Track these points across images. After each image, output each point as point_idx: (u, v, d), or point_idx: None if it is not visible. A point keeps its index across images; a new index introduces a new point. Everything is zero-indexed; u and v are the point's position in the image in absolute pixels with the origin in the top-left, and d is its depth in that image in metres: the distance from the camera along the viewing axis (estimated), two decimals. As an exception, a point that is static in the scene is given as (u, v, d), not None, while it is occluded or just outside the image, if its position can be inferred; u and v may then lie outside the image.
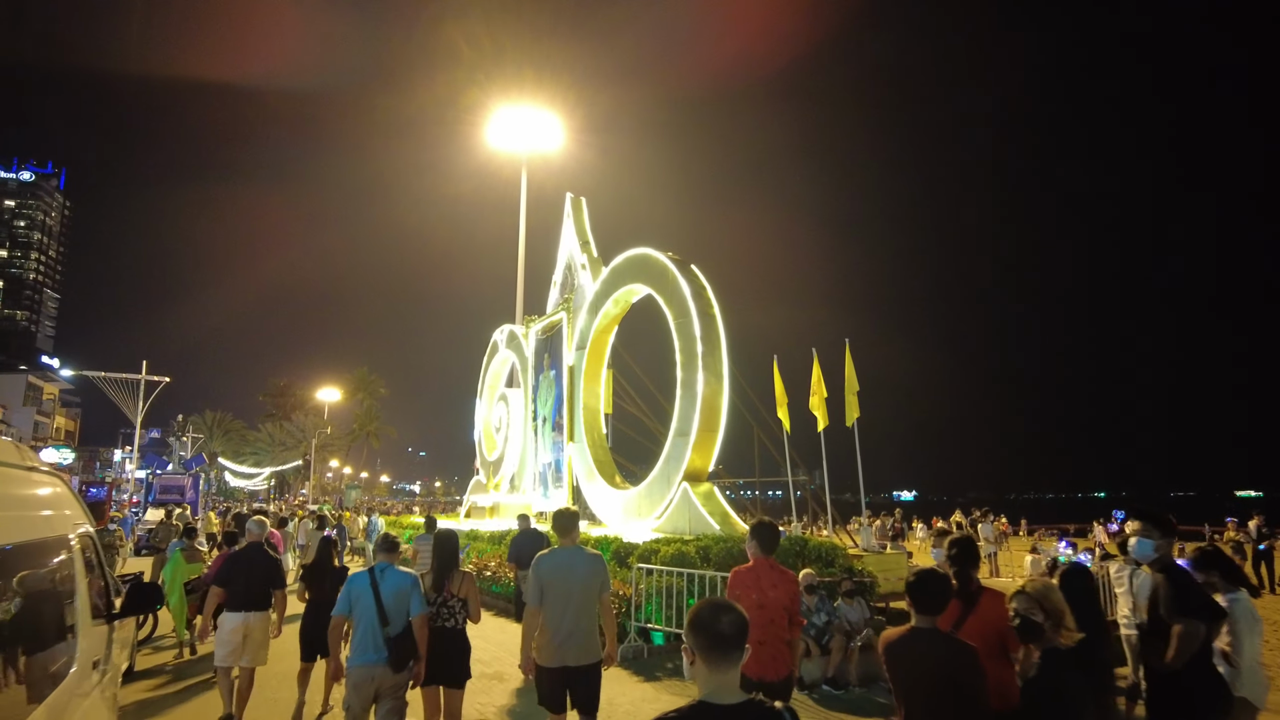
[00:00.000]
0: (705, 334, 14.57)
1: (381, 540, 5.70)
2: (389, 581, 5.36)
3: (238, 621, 6.82)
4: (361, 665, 5.13)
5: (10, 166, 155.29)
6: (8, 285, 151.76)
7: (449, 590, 5.60)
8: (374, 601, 5.24)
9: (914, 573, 3.59)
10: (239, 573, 7.00)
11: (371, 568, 5.50)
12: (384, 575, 5.40)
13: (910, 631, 3.54)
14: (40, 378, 79.41)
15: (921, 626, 3.53)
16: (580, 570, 5.21)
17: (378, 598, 5.26)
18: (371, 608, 5.22)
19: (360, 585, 5.37)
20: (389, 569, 5.46)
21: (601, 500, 17.49)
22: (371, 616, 5.20)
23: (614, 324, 18.75)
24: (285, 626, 7.76)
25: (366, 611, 5.22)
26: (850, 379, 13.47)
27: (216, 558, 9.18)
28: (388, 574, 5.42)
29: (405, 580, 5.41)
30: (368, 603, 5.25)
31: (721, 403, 14.49)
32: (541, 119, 30.37)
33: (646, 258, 16.46)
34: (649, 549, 10.91)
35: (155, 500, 28.21)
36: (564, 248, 21.62)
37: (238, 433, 74.12)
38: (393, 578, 5.40)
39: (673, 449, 14.97)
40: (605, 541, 12.88)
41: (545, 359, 21.58)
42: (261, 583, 6.95)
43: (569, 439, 19.29)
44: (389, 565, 5.51)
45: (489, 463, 25.63)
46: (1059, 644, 3.47)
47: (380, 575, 5.40)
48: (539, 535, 10.92)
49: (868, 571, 10.78)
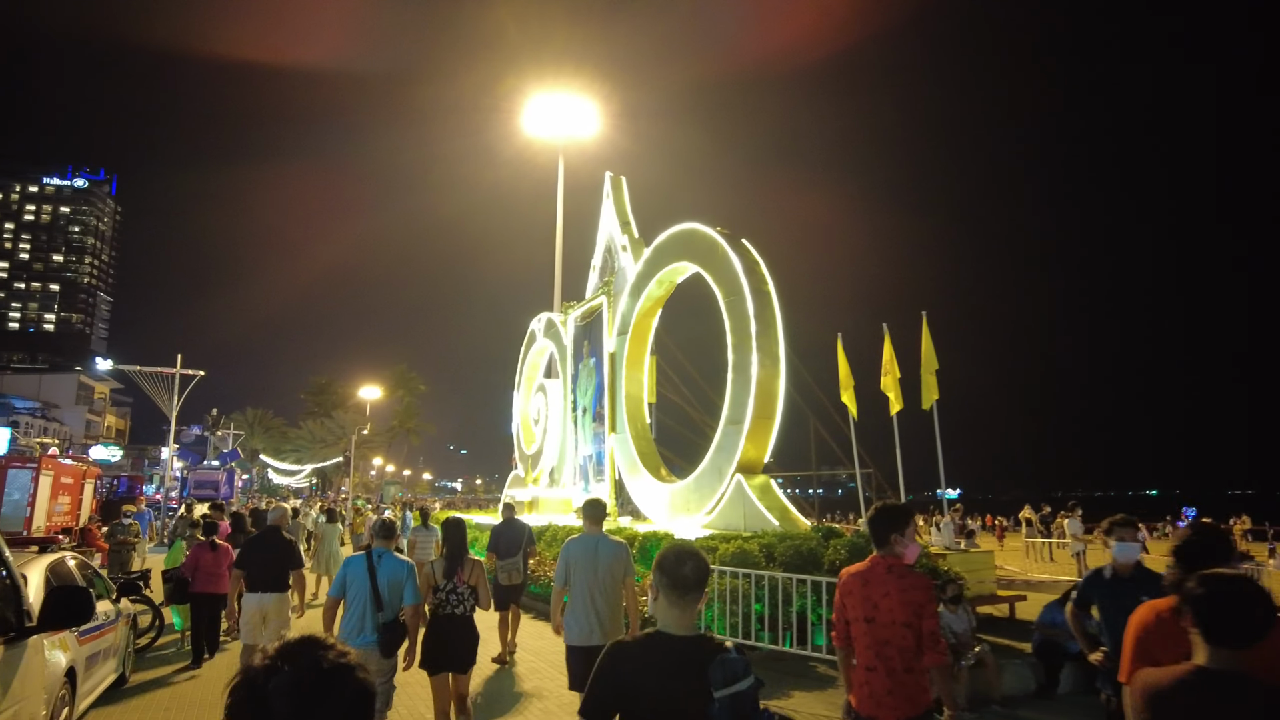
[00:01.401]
0: (759, 312, 13.37)
1: (379, 526, 5.67)
2: (386, 567, 5.36)
3: (255, 603, 7.08)
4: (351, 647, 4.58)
5: (65, 174, 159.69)
6: (64, 289, 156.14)
7: (459, 578, 5.58)
8: (369, 585, 5.24)
9: (1201, 578, 2.27)
10: (256, 556, 7.23)
11: (370, 551, 5.48)
12: (381, 561, 5.40)
13: (1199, 676, 2.22)
14: (92, 377, 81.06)
15: (1220, 669, 2.20)
16: (604, 555, 5.47)
17: (374, 582, 5.26)
18: (366, 591, 5.21)
19: (357, 568, 5.36)
20: (386, 555, 5.46)
21: (646, 494, 16.37)
22: (365, 599, 5.20)
23: (657, 307, 17.61)
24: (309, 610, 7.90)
25: (361, 594, 5.21)
26: (928, 356, 12.15)
27: (194, 547, 9.26)
28: (385, 560, 5.41)
29: (402, 568, 5.42)
30: (363, 586, 5.24)
31: (778, 387, 13.28)
32: (578, 104, 29.47)
33: (693, 233, 15.30)
34: (704, 546, 9.74)
35: (189, 495, 27.93)
36: (603, 229, 20.54)
37: (278, 430, 74.65)
38: (390, 564, 5.40)
39: (724, 439, 13.80)
40: (653, 538, 11.75)
41: (585, 346, 20.55)
42: (278, 565, 7.11)
43: (610, 430, 18.21)
44: (386, 551, 5.49)
45: (527, 456, 24.71)
46: None
47: (378, 560, 5.39)
48: (519, 526, 10.28)
49: (955, 573, 9.49)
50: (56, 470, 17.20)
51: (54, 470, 16.98)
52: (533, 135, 30.75)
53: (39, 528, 15.94)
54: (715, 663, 2.26)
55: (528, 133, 30.84)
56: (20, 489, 15.61)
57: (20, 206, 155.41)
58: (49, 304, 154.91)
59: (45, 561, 5.62)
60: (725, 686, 2.22)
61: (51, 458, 20.56)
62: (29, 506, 15.60)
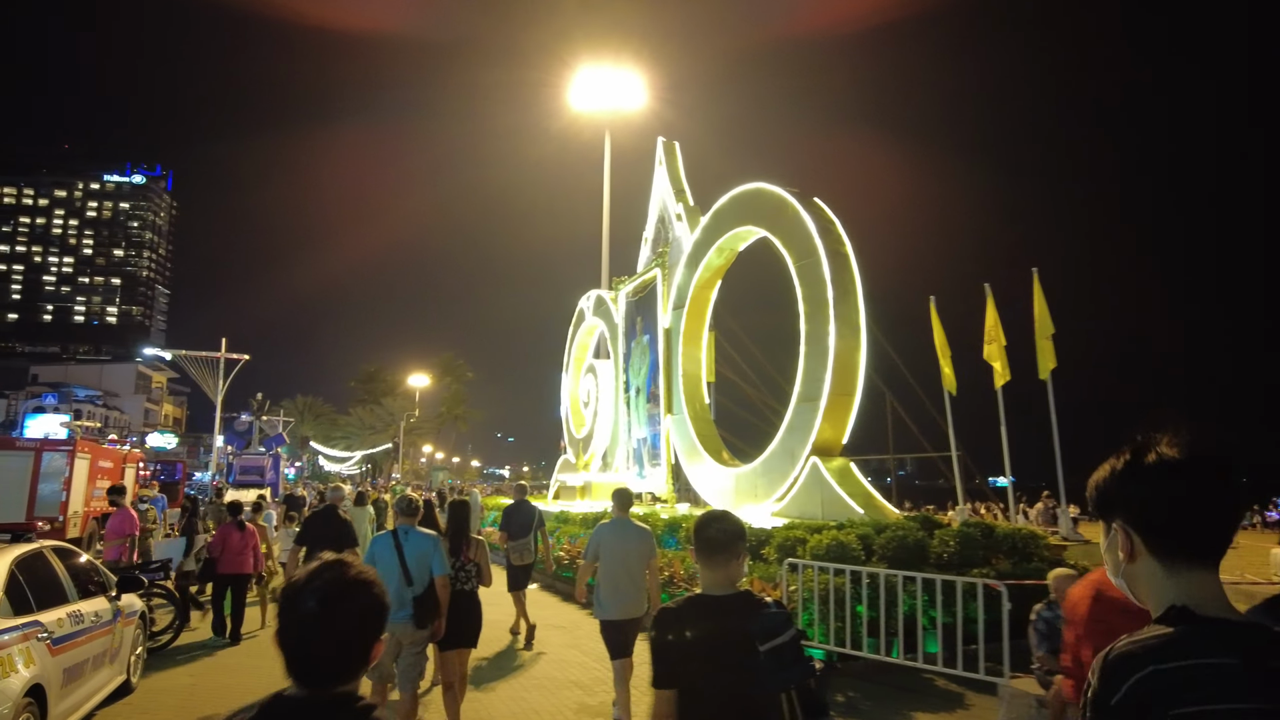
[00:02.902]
0: (836, 276, 12.00)
1: (401, 503, 5.73)
2: (412, 543, 5.43)
3: None
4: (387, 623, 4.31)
5: (124, 170, 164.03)
6: (124, 283, 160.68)
7: (465, 555, 5.86)
8: (398, 562, 5.30)
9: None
10: (314, 533, 7.49)
11: (394, 530, 5.54)
12: (407, 537, 5.46)
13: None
14: (149, 367, 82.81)
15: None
16: (631, 539, 5.91)
17: (401, 558, 5.33)
18: (395, 568, 5.26)
19: (384, 546, 5.43)
20: (411, 531, 5.52)
21: (707, 480, 15.14)
22: (396, 576, 5.24)
23: (717, 278, 16.30)
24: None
25: (390, 572, 5.24)
26: (1042, 320, 10.60)
27: (220, 527, 9.30)
28: (411, 535, 5.48)
29: (427, 541, 5.49)
30: (391, 563, 5.28)
31: (859, 359, 11.92)
32: (625, 78, 28.40)
33: (759, 193, 13.95)
34: (789, 538, 8.47)
35: (235, 482, 27.54)
36: (655, 199, 19.28)
37: (328, 417, 75.09)
38: (415, 539, 5.47)
39: (797, 417, 12.48)
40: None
41: (638, 323, 19.34)
42: (335, 542, 6.88)
43: (666, 411, 17.01)
44: (410, 527, 5.55)
45: (577, 440, 23.67)
46: None
47: (404, 537, 5.45)
48: (529, 508, 10.34)
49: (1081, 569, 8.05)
50: (94, 453, 16.64)
51: (91, 453, 16.41)
52: (579, 110, 29.73)
53: (75, 513, 15.42)
54: (756, 618, 2.34)
55: (574, 108, 29.83)
56: (55, 473, 15.09)
57: (84, 203, 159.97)
58: (111, 297, 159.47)
59: (10, 555, 4.64)
60: (767, 640, 2.30)
61: (89, 440, 20.29)
62: (64, 491, 15.07)
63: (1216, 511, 1.23)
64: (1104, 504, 1.33)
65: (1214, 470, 1.23)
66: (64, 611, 4.95)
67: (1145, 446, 1.27)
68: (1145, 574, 1.27)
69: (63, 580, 5.22)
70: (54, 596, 4.99)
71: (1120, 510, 1.29)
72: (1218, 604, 1.21)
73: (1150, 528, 1.25)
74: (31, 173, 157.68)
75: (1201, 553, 1.24)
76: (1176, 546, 1.24)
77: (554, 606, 11.37)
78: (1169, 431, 1.25)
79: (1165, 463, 1.24)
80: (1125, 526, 1.28)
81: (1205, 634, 1.16)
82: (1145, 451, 1.26)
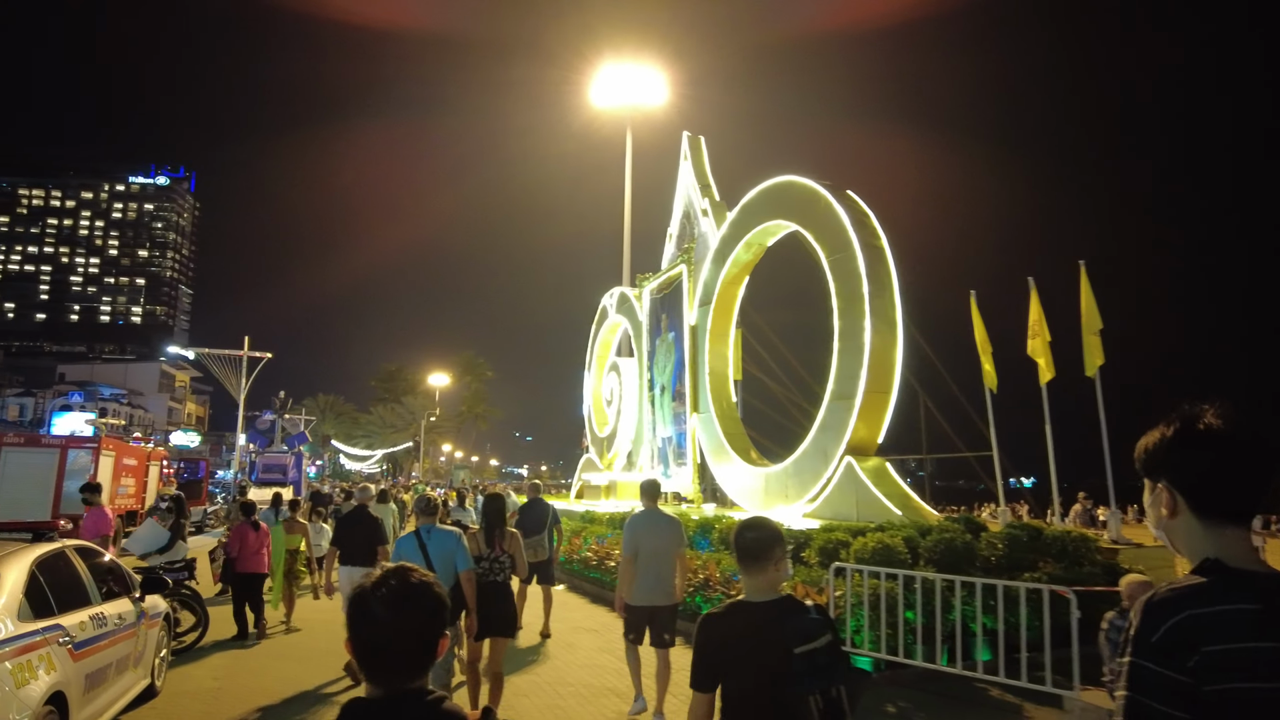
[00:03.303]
0: (872, 270, 11.66)
1: (421, 503, 5.90)
2: (436, 541, 5.50)
3: (347, 575, 7.53)
4: None
5: (149, 172, 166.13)
6: (149, 283, 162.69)
7: (499, 547, 5.87)
8: (423, 561, 5.33)
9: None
10: (347, 532, 7.68)
11: (417, 530, 5.63)
12: (430, 535, 5.53)
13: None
14: (173, 366, 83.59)
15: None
16: (663, 528, 6.10)
17: (426, 557, 5.40)
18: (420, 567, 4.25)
19: (408, 547, 5.50)
20: (434, 529, 5.60)
21: (735, 479, 14.84)
22: None
23: (745, 273, 15.99)
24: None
25: None
26: (1090, 314, 10.18)
27: (236, 527, 9.39)
28: (434, 534, 5.55)
29: (451, 538, 5.55)
30: (417, 563, 5.18)
31: (895, 356, 11.59)
32: (646, 74, 28.28)
33: (789, 186, 13.62)
34: (830, 541, 8.15)
35: (258, 480, 27.51)
36: (680, 194, 18.98)
37: (349, 415, 75.48)
38: (439, 537, 5.54)
39: (830, 416, 12.16)
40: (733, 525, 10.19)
41: (662, 320, 19.07)
42: (366, 540, 7.47)
43: (693, 410, 16.72)
44: (433, 526, 5.63)
45: (600, 439, 23.44)
46: None
47: (427, 536, 5.52)
48: (544, 506, 10.47)
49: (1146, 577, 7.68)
50: (118, 451, 16.61)
51: (115, 451, 16.38)
52: (600, 107, 29.56)
53: (101, 511, 15.34)
54: (792, 623, 2.40)
55: (595, 104, 29.66)
56: (81, 470, 15.03)
57: (109, 205, 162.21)
58: (135, 297, 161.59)
59: (31, 556, 4.44)
60: (802, 643, 2.34)
61: (113, 438, 20.31)
62: (89, 489, 15.00)
63: (1252, 478, 1.38)
64: (1151, 465, 1.48)
65: (1251, 442, 1.37)
66: (86, 614, 4.75)
67: (1194, 417, 1.41)
68: (1184, 530, 1.42)
69: (85, 581, 5.02)
70: (76, 598, 4.80)
71: (1166, 472, 1.44)
72: (1247, 558, 1.38)
73: (1193, 488, 1.41)
74: (59, 175, 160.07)
75: (1236, 513, 1.39)
76: (1214, 506, 1.39)
77: (583, 608, 11.11)
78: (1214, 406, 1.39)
79: (1211, 432, 1.38)
80: (1170, 486, 1.43)
81: (1234, 583, 1.33)
82: (1194, 421, 1.40)
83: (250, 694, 6.82)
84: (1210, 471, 1.38)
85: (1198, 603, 1.31)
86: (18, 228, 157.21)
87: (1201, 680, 1.25)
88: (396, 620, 1.53)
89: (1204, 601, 1.30)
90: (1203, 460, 1.39)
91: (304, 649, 8.49)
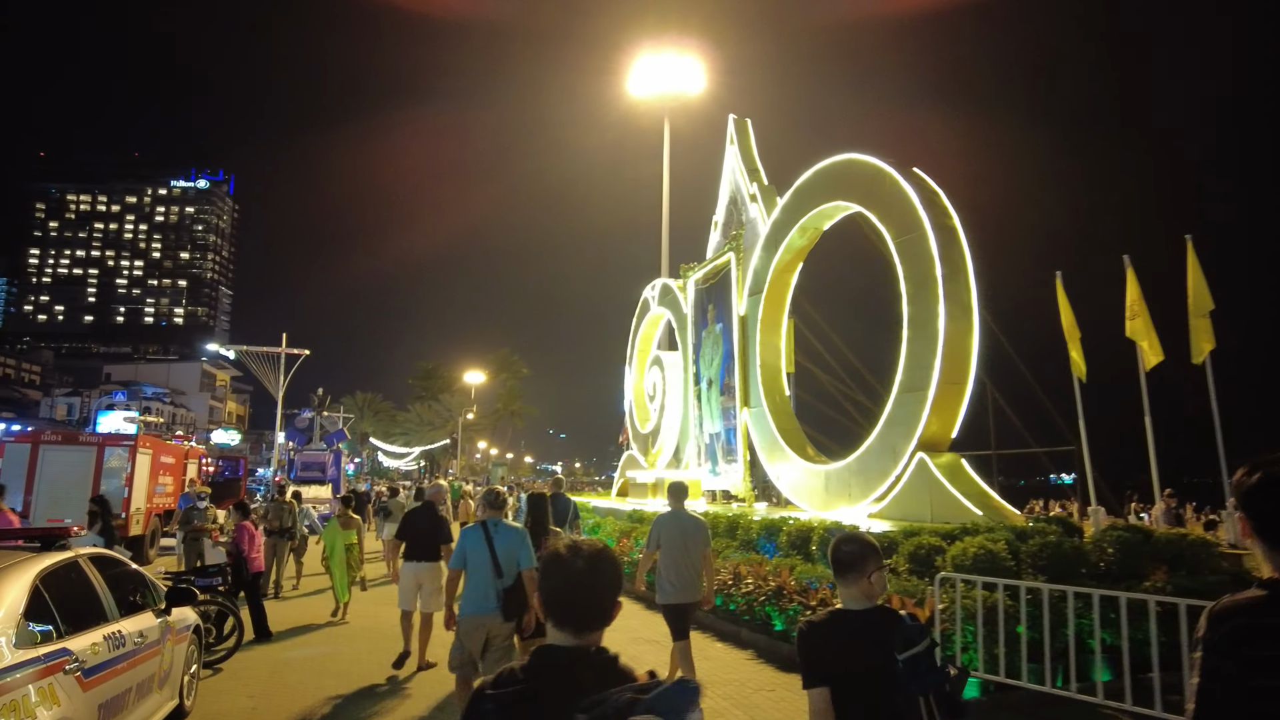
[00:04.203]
0: (945, 252, 10.82)
1: (490, 496, 5.71)
2: (502, 536, 5.41)
3: (411, 571, 7.69)
4: (475, 615, 5.19)
5: (189, 176, 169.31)
6: (190, 285, 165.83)
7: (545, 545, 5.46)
8: (489, 555, 5.28)
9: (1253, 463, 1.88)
10: (412, 529, 7.75)
11: (484, 522, 5.48)
12: (497, 530, 5.44)
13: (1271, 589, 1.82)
14: (214, 366, 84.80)
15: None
16: (690, 529, 6.31)
17: (492, 551, 5.30)
18: (487, 561, 5.26)
19: (475, 539, 5.39)
20: (500, 523, 5.49)
21: (792, 477, 14.04)
22: (486, 569, 5.24)
23: (798, 260, 15.17)
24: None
25: (482, 564, 5.25)
26: (1199, 293, 9.20)
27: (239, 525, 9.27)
28: (500, 529, 5.45)
29: (516, 534, 5.48)
30: (483, 556, 5.27)
31: (971, 343, 10.73)
32: (684, 63, 27.60)
33: (850, 164, 12.79)
34: (923, 546, 7.34)
35: (296, 478, 27.28)
36: (726, 179, 18.20)
37: (387, 413, 75.73)
38: (505, 532, 5.45)
39: (899, 409, 11.33)
40: (806, 528, 9.39)
41: (709, 311, 18.32)
42: (429, 537, 7.55)
43: (743, 404, 15.95)
44: (499, 520, 5.52)
45: (642, 435, 22.76)
46: None
47: (494, 529, 5.42)
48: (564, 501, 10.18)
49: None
50: (155, 449, 16.33)
51: (152, 448, 16.10)
52: (638, 97, 28.89)
53: (138, 510, 15.09)
54: (895, 630, 2.51)
55: (633, 94, 28.99)
56: (118, 469, 14.76)
57: (152, 209, 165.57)
58: (178, 299, 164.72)
59: (34, 569, 3.86)
60: (905, 649, 2.46)
61: (150, 436, 20.11)
62: (126, 487, 14.73)
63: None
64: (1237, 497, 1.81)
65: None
66: (101, 634, 4.16)
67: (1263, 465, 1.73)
68: (1258, 549, 1.72)
69: (101, 595, 4.44)
70: (90, 616, 4.21)
71: (1241, 506, 1.78)
72: None
73: (1259, 523, 1.71)
74: (105, 180, 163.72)
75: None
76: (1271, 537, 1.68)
77: (638, 615, 10.35)
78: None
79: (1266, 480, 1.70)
80: (1244, 517, 1.76)
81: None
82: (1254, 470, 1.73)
83: (290, 713, 6.24)
84: (1264, 512, 1.65)
85: (1250, 615, 1.58)
86: (66, 232, 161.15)
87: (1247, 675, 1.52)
88: (594, 575, 1.70)
89: (1255, 614, 1.57)
90: (1267, 503, 1.65)
91: (344, 661, 7.91)
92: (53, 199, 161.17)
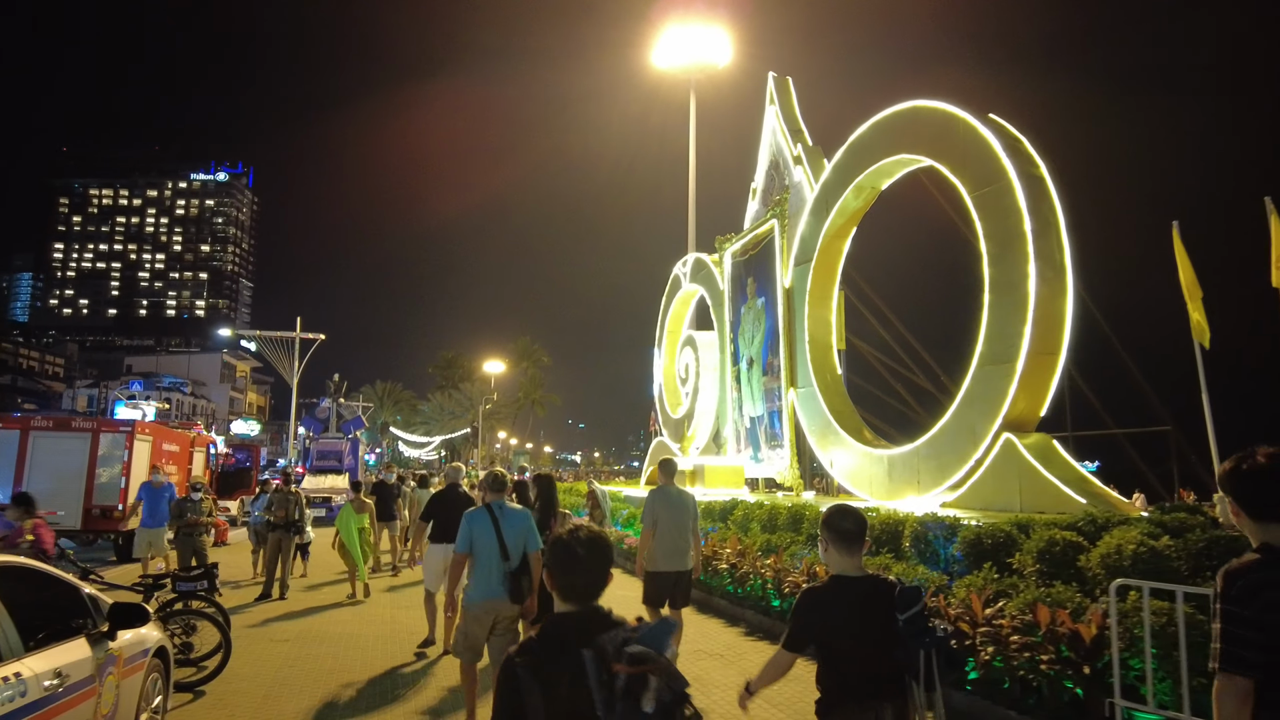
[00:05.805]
0: (1033, 205, 9.48)
1: (489, 479, 5.63)
2: (509, 518, 5.34)
3: (440, 552, 7.61)
4: (486, 599, 5.14)
5: (209, 169, 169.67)
6: (211, 277, 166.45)
7: (554, 528, 6.05)
8: (496, 538, 5.22)
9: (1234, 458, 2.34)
10: (439, 510, 7.63)
11: (489, 505, 5.42)
12: (503, 512, 5.37)
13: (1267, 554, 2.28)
14: (234, 357, 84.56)
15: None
16: (682, 504, 6.69)
17: (499, 534, 5.24)
18: (494, 544, 5.20)
19: (482, 522, 5.30)
20: (505, 506, 5.44)
21: (848, 463, 12.74)
22: (494, 552, 5.19)
23: (851, 224, 13.83)
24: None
25: (489, 548, 5.20)
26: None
27: None
28: (506, 511, 5.39)
29: (523, 518, 5.43)
30: (490, 539, 5.22)
31: (1065, 307, 9.42)
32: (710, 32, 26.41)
33: (916, 112, 11.44)
34: (1058, 540, 5.99)
35: (313, 467, 26.35)
36: (766, 142, 16.85)
37: (407, 403, 75.09)
38: (512, 515, 5.39)
39: (978, 385, 10.02)
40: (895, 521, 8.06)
41: (749, 285, 17.00)
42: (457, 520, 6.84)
43: (789, 385, 14.66)
44: (503, 503, 5.46)
45: (674, 420, 21.53)
46: None
47: (500, 512, 5.35)
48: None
49: None
50: (156, 436, 15.28)
51: (153, 436, 15.05)
52: (663, 69, 27.54)
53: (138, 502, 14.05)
54: (898, 593, 2.78)
55: (657, 66, 27.65)
56: (115, 457, 13.75)
57: (173, 202, 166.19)
58: (199, 291, 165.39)
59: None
60: (905, 610, 2.74)
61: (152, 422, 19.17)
62: (123, 477, 13.71)
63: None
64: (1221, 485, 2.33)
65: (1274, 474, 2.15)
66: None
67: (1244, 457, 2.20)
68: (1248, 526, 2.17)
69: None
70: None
71: (1228, 491, 2.25)
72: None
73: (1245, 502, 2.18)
74: (127, 175, 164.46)
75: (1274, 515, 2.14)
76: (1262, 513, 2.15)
77: (695, 624, 8.88)
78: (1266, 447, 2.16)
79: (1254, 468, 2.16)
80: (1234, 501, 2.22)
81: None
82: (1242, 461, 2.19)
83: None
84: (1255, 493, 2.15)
85: (1255, 571, 2.06)
86: (89, 226, 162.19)
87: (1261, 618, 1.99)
88: (592, 555, 2.02)
89: (1258, 570, 2.06)
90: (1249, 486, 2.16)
91: (337, 682, 6.65)
92: (76, 194, 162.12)
